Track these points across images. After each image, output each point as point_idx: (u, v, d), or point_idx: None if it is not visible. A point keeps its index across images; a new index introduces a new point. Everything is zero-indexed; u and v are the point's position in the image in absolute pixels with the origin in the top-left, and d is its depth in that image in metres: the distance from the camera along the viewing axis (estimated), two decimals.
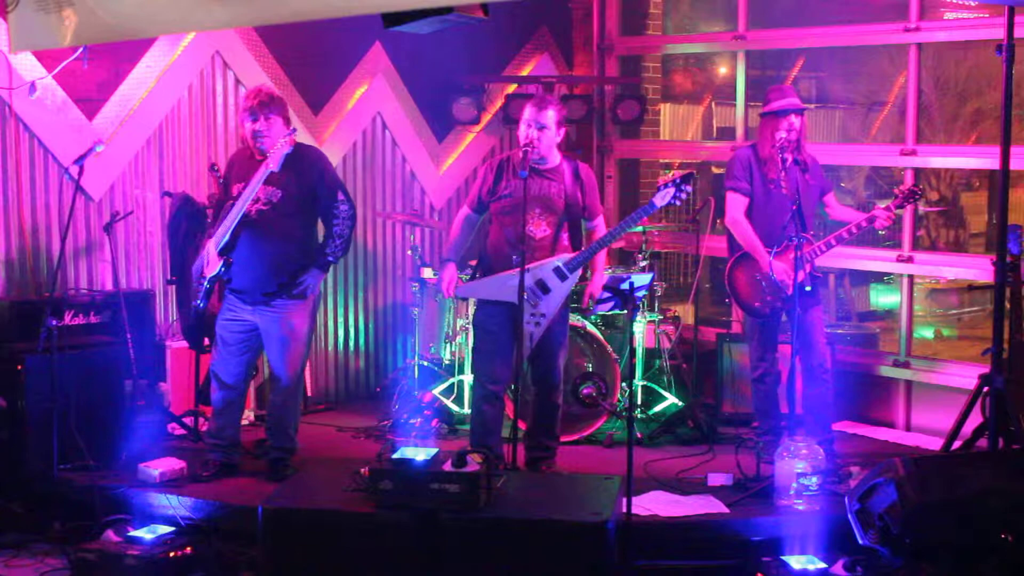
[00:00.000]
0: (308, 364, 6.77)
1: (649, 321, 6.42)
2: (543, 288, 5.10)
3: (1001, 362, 4.97)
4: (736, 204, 5.54)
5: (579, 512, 4.00)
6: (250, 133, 5.16)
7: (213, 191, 5.72)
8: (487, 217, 5.33)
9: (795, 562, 4.39)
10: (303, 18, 2.98)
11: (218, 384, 5.35)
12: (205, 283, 5.23)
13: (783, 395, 5.56)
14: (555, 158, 5.21)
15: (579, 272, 5.21)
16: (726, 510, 4.83)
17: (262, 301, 5.21)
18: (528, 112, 5.10)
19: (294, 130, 5.11)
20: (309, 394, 6.79)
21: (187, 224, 5.68)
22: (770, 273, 5.36)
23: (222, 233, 5.12)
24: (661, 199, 5.07)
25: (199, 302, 5.29)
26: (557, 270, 5.12)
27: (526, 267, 4.86)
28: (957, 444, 5.15)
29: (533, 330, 5.09)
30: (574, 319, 6.02)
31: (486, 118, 7.45)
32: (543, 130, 5.07)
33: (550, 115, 5.09)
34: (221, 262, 5.14)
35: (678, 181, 5.06)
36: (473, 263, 5.77)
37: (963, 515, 4.17)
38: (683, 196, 5.06)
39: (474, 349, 5.44)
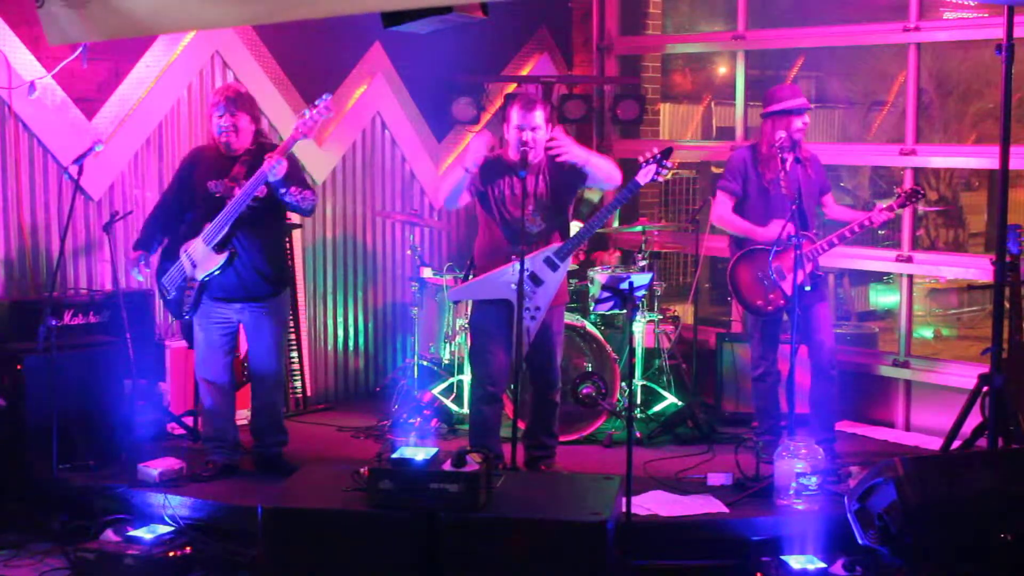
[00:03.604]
0: (308, 364, 6.80)
1: (649, 321, 6.42)
2: (535, 280, 5.08)
3: (1001, 362, 4.97)
4: (722, 203, 5.62)
5: (578, 512, 4.00)
6: (218, 128, 5.10)
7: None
8: (475, 219, 5.31)
9: (795, 562, 4.39)
10: (306, 16, 3.00)
11: (210, 389, 5.32)
12: (200, 283, 5.11)
13: (784, 394, 5.56)
14: (540, 154, 5.22)
15: (569, 261, 5.20)
16: (726, 510, 4.84)
17: (254, 297, 5.19)
18: (518, 116, 5.05)
19: (304, 119, 4.98)
20: (309, 394, 6.79)
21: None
22: (771, 272, 5.36)
23: (216, 230, 5.04)
24: (644, 177, 5.04)
25: (190, 311, 5.19)
26: (548, 260, 5.10)
27: (517, 261, 4.85)
28: (957, 444, 5.15)
29: (529, 324, 5.07)
30: (574, 319, 6.03)
31: (486, 118, 7.44)
32: (536, 130, 5.06)
33: (541, 115, 5.07)
34: (225, 256, 5.04)
35: (658, 156, 5.03)
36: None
37: (963, 515, 4.16)
38: (665, 171, 5.05)
39: (471, 351, 5.43)
